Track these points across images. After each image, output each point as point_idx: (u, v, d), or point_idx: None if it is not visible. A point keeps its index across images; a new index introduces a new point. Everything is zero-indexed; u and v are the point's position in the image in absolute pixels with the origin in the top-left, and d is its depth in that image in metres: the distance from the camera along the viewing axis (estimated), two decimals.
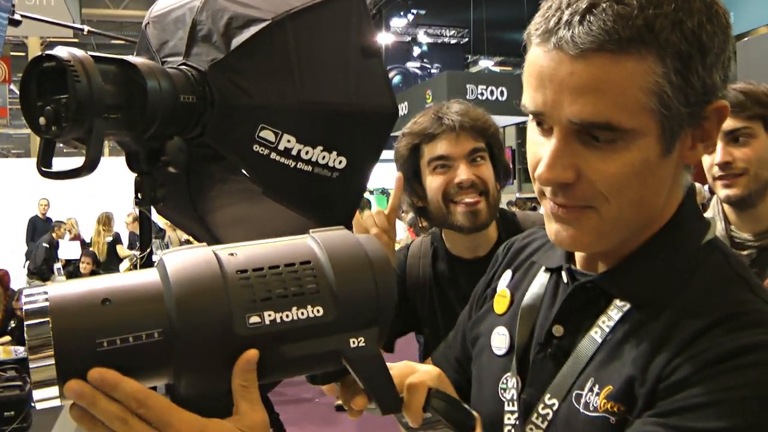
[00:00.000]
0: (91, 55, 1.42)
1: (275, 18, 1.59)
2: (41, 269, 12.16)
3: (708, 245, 1.10)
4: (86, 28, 5.34)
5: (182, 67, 1.60)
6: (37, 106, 1.41)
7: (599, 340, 1.08)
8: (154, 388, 0.80)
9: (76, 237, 13.29)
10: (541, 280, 1.26)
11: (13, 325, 8.39)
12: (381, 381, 0.87)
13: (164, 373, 0.81)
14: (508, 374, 1.22)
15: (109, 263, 12.27)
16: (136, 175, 1.59)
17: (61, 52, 1.39)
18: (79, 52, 1.40)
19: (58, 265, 12.24)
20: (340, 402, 0.96)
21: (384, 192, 17.49)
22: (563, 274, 1.19)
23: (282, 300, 0.82)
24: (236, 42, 1.59)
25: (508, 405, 1.19)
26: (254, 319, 0.80)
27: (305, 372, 0.89)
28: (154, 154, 1.54)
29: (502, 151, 2.15)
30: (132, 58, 1.53)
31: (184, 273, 0.80)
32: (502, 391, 1.22)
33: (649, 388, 0.97)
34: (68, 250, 12.99)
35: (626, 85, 0.93)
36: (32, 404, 6.51)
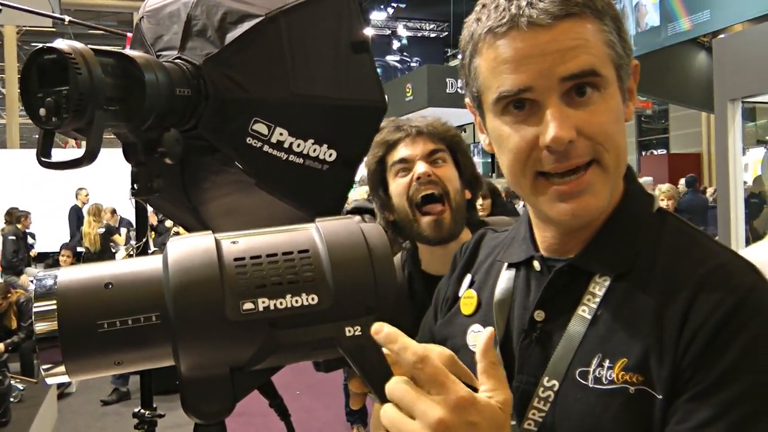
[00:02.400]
0: (91, 48, 1.45)
1: (269, 14, 1.63)
2: (12, 263, 12.06)
3: (659, 213, 1.24)
4: (67, 18, 5.33)
5: (177, 60, 1.63)
6: (37, 97, 1.43)
7: (589, 317, 1.15)
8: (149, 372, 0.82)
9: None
10: (507, 276, 1.31)
11: None
12: (378, 370, 0.88)
13: (163, 354, 0.86)
14: None
15: (102, 253, 12.24)
16: (132, 166, 1.62)
17: (62, 44, 1.42)
18: (79, 45, 1.43)
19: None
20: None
21: None
22: (535, 263, 1.26)
23: (277, 287, 0.84)
24: (230, 37, 1.62)
25: None
26: (248, 305, 0.83)
27: (302, 359, 0.91)
28: (150, 145, 1.57)
29: (468, 158, 2.18)
30: (129, 52, 1.57)
31: (182, 260, 0.85)
32: None
33: (672, 364, 1.04)
34: (43, 242, 12.95)
35: (593, 39, 1.10)
36: (11, 399, 6.52)
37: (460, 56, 1.25)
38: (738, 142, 8.91)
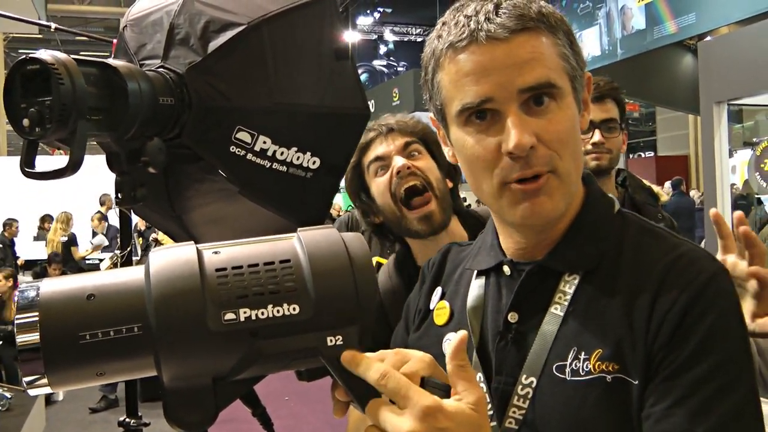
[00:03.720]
0: (74, 58, 1.45)
1: (251, 22, 1.64)
2: None
3: (619, 213, 1.32)
4: (53, 25, 5.32)
5: (160, 69, 1.63)
6: (21, 107, 1.43)
7: (561, 314, 1.21)
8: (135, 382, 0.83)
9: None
10: (477, 284, 1.36)
11: None
12: (359, 379, 0.88)
13: (145, 365, 0.86)
14: None
15: (65, 263, 12.12)
16: (116, 175, 1.63)
17: (44, 55, 1.42)
18: (62, 55, 1.44)
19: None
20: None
21: None
22: (505, 268, 1.31)
23: (258, 298, 0.85)
24: (213, 45, 1.63)
25: None
26: (229, 315, 0.84)
27: (284, 368, 0.91)
28: (134, 154, 1.57)
29: (440, 148, 2.18)
30: (112, 61, 1.57)
31: (163, 271, 0.85)
32: None
33: (644, 350, 1.12)
34: (31, 249, 12.90)
35: (548, 52, 1.18)
36: None
37: (422, 73, 1.29)
38: (724, 144, 8.94)
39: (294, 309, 0.85)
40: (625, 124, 2.87)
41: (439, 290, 1.44)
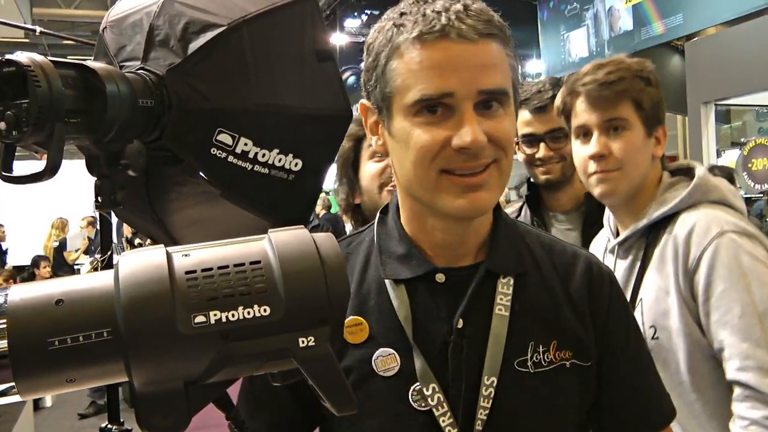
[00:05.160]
0: (51, 60, 1.44)
1: (231, 23, 1.62)
2: None
3: (514, 222, 1.49)
4: (38, 28, 5.30)
5: (140, 71, 1.62)
6: None
7: (507, 314, 1.30)
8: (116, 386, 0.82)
9: None
10: (397, 293, 1.35)
11: None
12: (332, 381, 0.87)
13: (116, 371, 0.84)
14: (417, 385, 1.29)
15: (57, 268, 12.13)
16: (95, 179, 1.61)
17: (20, 57, 1.41)
18: (38, 57, 1.42)
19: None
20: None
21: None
22: (438, 276, 1.34)
23: (228, 300, 0.84)
24: (193, 47, 1.61)
25: (438, 409, 1.27)
26: (200, 318, 0.82)
27: (256, 371, 0.90)
28: (113, 157, 1.55)
29: None
30: (91, 63, 1.55)
31: (132, 275, 0.84)
32: (416, 402, 1.28)
33: (590, 336, 1.39)
34: (19, 255, 12.85)
35: (504, 61, 1.27)
36: None
37: (369, 58, 1.36)
38: (712, 144, 8.99)
39: (265, 310, 0.84)
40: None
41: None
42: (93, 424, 7.78)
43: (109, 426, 2.29)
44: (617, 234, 2.29)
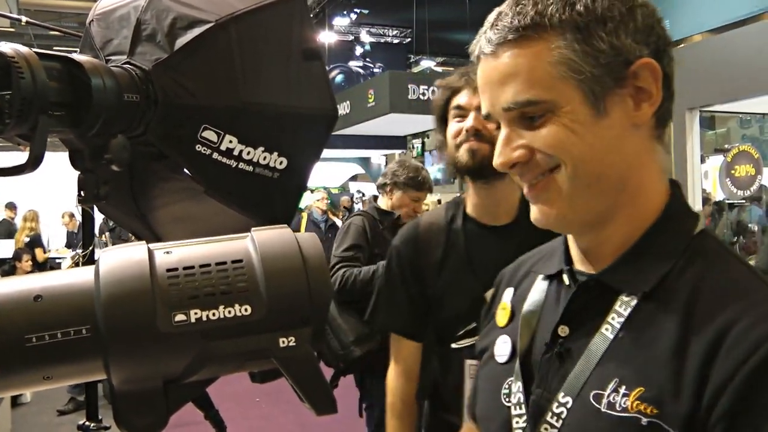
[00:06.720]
0: (36, 52, 1.42)
1: (219, 20, 1.61)
2: None
3: (701, 234, 1.17)
4: (24, 18, 5.24)
5: (126, 65, 1.61)
6: None
7: (611, 337, 1.12)
8: (95, 383, 0.82)
9: None
10: (539, 288, 1.32)
11: None
12: (312, 382, 0.87)
13: (94, 368, 0.83)
14: (511, 379, 1.27)
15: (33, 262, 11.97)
16: (79, 173, 1.60)
17: (4, 47, 1.39)
18: (23, 48, 1.40)
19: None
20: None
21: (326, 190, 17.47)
22: (564, 276, 1.26)
23: (210, 298, 0.83)
24: (180, 42, 1.60)
25: (515, 409, 1.23)
26: (180, 317, 0.82)
27: (236, 370, 0.90)
28: (97, 151, 1.54)
29: None
30: (76, 56, 1.54)
31: (113, 271, 0.83)
32: (505, 397, 1.26)
33: (691, 402, 1.01)
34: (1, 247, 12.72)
35: (533, 63, 1.09)
36: None
37: None
38: (696, 150, 9.03)
39: (246, 310, 0.83)
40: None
41: (510, 291, 1.42)
42: (72, 420, 7.69)
43: (88, 423, 2.28)
44: None
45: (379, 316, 2.62)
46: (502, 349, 1.32)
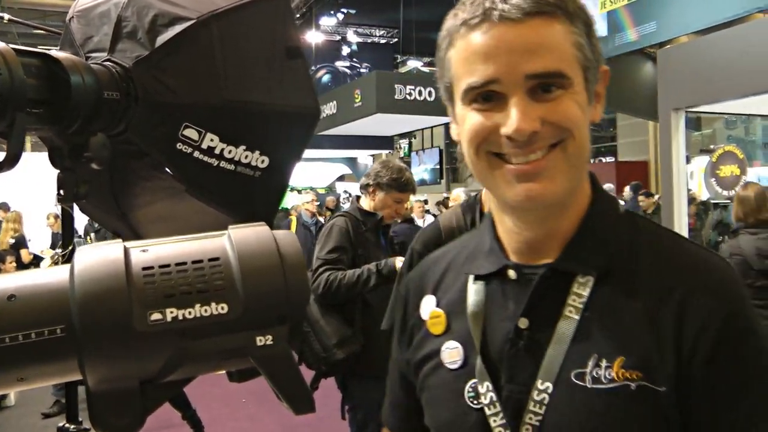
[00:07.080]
0: (13, 48, 1.41)
1: (200, 17, 1.60)
2: None
3: (627, 213, 1.29)
4: (6, 16, 5.21)
5: (106, 63, 1.59)
6: None
7: (576, 318, 1.18)
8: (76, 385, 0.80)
9: None
10: (476, 288, 1.31)
11: None
12: (290, 380, 0.86)
13: (69, 369, 0.82)
14: (474, 381, 1.26)
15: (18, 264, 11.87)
16: (58, 171, 1.58)
17: None
18: (0, 44, 1.39)
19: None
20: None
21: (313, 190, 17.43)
22: (510, 272, 1.27)
23: (186, 297, 0.82)
24: (161, 39, 1.59)
25: (489, 408, 1.23)
26: (156, 316, 0.80)
27: (214, 369, 0.88)
28: (77, 150, 1.53)
29: None
30: (55, 53, 1.52)
31: (88, 270, 0.81)
32: (472, 399, 1.25)
33: (675, 361, 1.11)
34: None
35: (561, 40, 1.13)
36: None
37: (437, 50, 1.26)
38: (681, 150, 9.04)
39: (222, 308, 0.82)
40: None
41: (431, 299, 1.39)
42: (57, 423, 7.64)
43: (67, 425, 2.26)
44: None
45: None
46: (452, 355, 1.30)
